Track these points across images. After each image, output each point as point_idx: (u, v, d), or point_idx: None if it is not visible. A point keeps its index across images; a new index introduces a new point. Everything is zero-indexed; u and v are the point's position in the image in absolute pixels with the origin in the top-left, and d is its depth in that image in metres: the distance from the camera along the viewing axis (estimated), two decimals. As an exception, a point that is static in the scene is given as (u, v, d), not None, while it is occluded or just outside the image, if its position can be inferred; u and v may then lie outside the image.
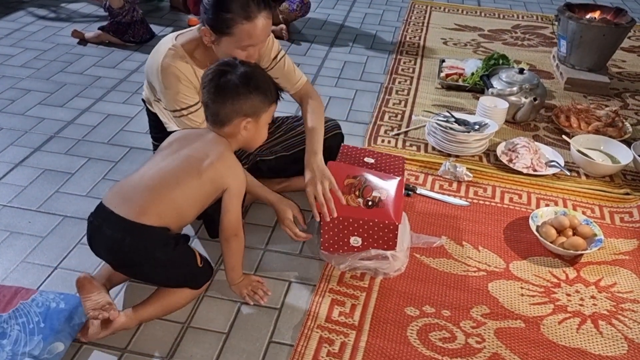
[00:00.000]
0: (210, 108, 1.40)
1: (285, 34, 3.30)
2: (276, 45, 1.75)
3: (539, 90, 2.42)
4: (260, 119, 1.42)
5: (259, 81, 1.40)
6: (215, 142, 1.41)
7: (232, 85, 1.36)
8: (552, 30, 3.33)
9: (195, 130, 1.51)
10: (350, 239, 1.56)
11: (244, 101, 1.37)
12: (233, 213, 1.43)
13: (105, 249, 1.39)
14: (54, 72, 2.81)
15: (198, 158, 1.38)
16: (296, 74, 1.79)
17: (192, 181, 1.36)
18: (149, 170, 1.39)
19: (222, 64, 1.40)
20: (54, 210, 1.85)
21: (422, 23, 3.65)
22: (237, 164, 1.44)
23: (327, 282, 1.58)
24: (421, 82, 2.82)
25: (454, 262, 1.69)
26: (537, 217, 1.81)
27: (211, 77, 1.38)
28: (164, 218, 1.35)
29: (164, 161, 1.40)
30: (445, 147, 2.19)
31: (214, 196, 1.42)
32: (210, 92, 1.38)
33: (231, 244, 1.46)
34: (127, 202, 1.34)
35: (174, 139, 1.47)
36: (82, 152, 2.17)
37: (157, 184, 1.35)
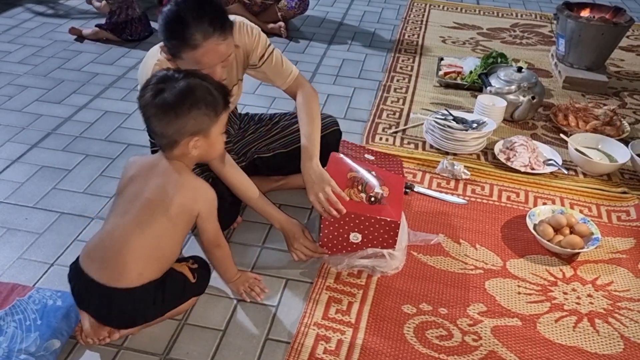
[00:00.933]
0: (152, 129, 1.29)
1: (283, 31, 3.30)
2: (262, 43, 1.66)
3: (537, 89, 2.42)
4: (210, 133, 1.31)
5: (198, 96, 1.26)
6: (168, 172, 1.31)
7: (169, 105, 1.24)
8: (551, 29, 3.33)
9: (148, 160, 1.38)
10: (350, 235, 1.56)
11: (186, 121, 1.26)
12: (210, 231, 1.40)
13: (95, 315, 1.33)
14: (51, 68, 2.81)
15: (159, 201, 1.29)
16: (286, 69, 1.70)
17: (161, 227, 1.29)
18: (115, 230, 1.30)
19: (159, 80, 1.27)
20: (50, 207, 1.84)
21: (421, 21, 3.64)
22: (199, 186, 1.35)
23: (324, 280, 1.58)
24: (419, 80, 2.82)
25: (451, 260, 1.69)
26: (534, 216, 1.81)
27: (150, 95, 1.25)
28: (145, 274, 1.29)
29: (127, 215, 1.30)
30: (443, 145, 2.19)
31: (190, 226, 1.37)
32: (149, 113, 1.27)
33: (215, 254, 1.46)
34: (104, 269, 1.28)
35: (130, 175, 1.36)
36: (80, 149, 2.16)
37: (128, 245, 1.27)
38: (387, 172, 1.74)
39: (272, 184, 1.88)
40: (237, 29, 1.60)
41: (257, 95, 2.58)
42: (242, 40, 1.62)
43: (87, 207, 1.85)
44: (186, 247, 1.67)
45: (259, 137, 1.87)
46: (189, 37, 1.35)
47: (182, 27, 1.34)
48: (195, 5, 1.35)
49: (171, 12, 1.37)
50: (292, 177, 1.90)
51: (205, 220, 1.37)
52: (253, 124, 1.90)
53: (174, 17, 1.36)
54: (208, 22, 1.35)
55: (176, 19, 1.35)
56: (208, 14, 1.35)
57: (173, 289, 1.36)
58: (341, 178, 1.61)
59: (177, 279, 1.37)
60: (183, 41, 1.36)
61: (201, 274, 1.45)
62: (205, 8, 1.36)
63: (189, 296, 1.43)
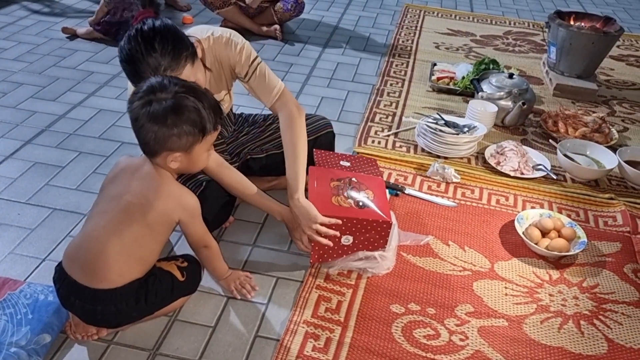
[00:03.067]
0: (138, 136, 1.29)
1: (279, 34, 3.32)
2: (245, 56, 1.63)
3: (528, 95, 2.46)
4: (192, 151, 1.30)
5: (184, 116, 1.24)
6: (150, 177, 1.31)
7: (155, 118, 1.23)
8: (543, 37, 3.38)
9: (133, 162, 1.37)
10: (341, 238, 1.57)
11: (167, 137, 1.25)
12: (194, 235, 1.41)
13: (80, 315, 1.34)
14: (46, 66, 2.81)
15: (138, 204, 1.29)
16: (270, 83, 1.65)
17: (139, 231, 1.29)
18: (94, 231, 1.30)
19: (150, 89, 1.25)
20: (43, 203, 1.85)
21: (415, 27, 3.68)
22: (179, 195, 1.34)
23: (314, 279, 1.60)
24: (412, 84, 2.85)
25: (440, 262, 1.71)
26: (522, 219, 1.84)
27: (138, 104, 1.25)
28: (126, 275, 1.30)
29: (106, 215, 1.30)
30: (435, 149, 2.22)
31: (170, 231, 1.37)
32: (135, 119, 1.26)
33: (203, 253, 1.47)
34: (86, 271, 1.28)
35: (114, 174, 1.38)
36: (73, 146, 2.17)
37: (107, 247, 1.27)
38: (366, 175, 1.77)
39: (264, 184, 1.89)
40: (222, 43, 1.61)
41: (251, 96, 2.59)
42: (226, 54, 1.63)
43: (79, 204, 1.86)
44: (177, 245, 1.68)
45: (253, 138, 1.89)
46: (142, 75, 1.34)
47: (133, 66, 1.34)
48: (144, 41, 1.34)
49: (123, 50, 1.36)
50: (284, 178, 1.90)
51: (187, 226, 1.38)
52: (247, 125, 1.92)
53: (125, 56, 1.36)
54: (159, 56, 1.34)
55: (127, 58, 1.35)
56: (157, 49, 1.34)
57: (159, 287, 1.36)
58: (325, 189, 1.62)
59: (163, 278, 1.37)
60: (139, 78, 1.34)
61: (191, 273, 1.45)
62: (154, 43, 1.34)
63: (178, 295, 1.43)
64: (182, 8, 3.74)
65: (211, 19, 3.54)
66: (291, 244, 1.74)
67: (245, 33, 3.30)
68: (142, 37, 1.34)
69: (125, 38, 1.37)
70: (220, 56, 1.63)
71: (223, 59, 1.64)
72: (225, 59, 1.64)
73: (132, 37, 1.35)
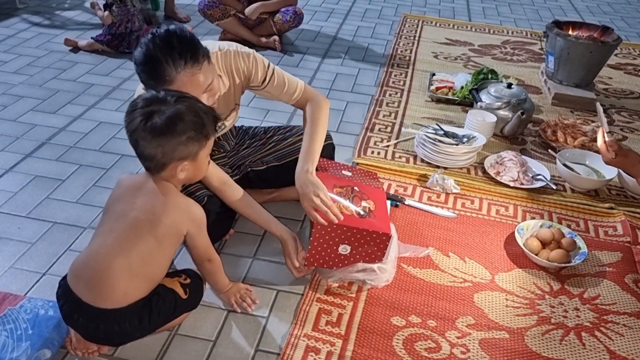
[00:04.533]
0: (141, 152, 1.29)
1: (278, 45, 3.33)
2: (261, 66, 1.65)
3: (526, 105, 2.47)
4: (197, 157, 1.32)
5: (188, 121, 1.26)
6: (155, 192, 1.31)
7: (159, 130, 1.24)
8: (541, 46, 3.40)
9: (136, 179, 1.37)
10: (339, 247, 1.57)
11: (175, 146, 1.26)
12: (199, 247, 1.41)
13: (83, 333, 1.33)
14: (47, 78, 2.82)
15: (146, 220, 1.29)
16: (290, 86, 1.70)
17: (147, 246, 1.29)
18: (100, 249, 1.29)
19: (147, 103, 1.26)
20: (43, 217, 1.85)
21: (413, 37, 3.70)
22: (186, 206, 1.35)
23: (314, 292, 1.60)
24: (411, 94, 2.86)
25: (440, 273, 1.71)
26: (522, 230, 1.84)
27: (139, 119, 1.25)
28: (130, 294, 1.29)
29: (112, 233, 1.30)
30: (434, 159, 2.22)
31: (178, 245, 1.37)
32: (138, 137, 1.26)
33: (206, 267, 1.47)
34: (90, 289, 1.28)
35: (117, 194, 1.37)
36: (74, 159, 2.18)
37: (113, 265, 1.26)
38: (368, 186, 1.77)
39: (264, 196, 1.90)
40: (232, 56, 1.62)
41: (252, 107, 2.61)
42: (239, 66, 1.63)
43: (80, 217, 1.86)
44: (177, 259, 1.68)
45: (254, 151, 1.89)
46: (162, 73, 1.35)
47: (153, 66, 1.35)
48: (162, 42, 1.35)
49: (141, 54, 1.37)
50: (284, 190, 1.92)
51: (194, 238, 1.38)
52: (248, 138, 1.93)
53: (144, 58, 1.37)
54: (178, 54, 1.35)
55: (147, 60, 1.36)
56: (177, 47, 1.35)
57: (162, 306, 1.35)
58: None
59: (167, 296, 1.37)
60: (158, 79, 1.36)
61: (193, 290, 1.44)
62: (172, 42, 1.35)
63: (180, 312, 1.43)
64: (181, 19, 3.76)
65: (210, 30, 3.55)
66: (291, 257, 1.74)
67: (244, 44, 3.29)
68: (160, 38, 1.36)
69: (141, 43, 1.38)
70: (233, 69, 1.64)
71: (236, 71, 1.64)
72: (240, 70, 1.64)
73: (150, 40, 1.36)
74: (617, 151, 1.82)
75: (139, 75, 1.42)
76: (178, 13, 3.80)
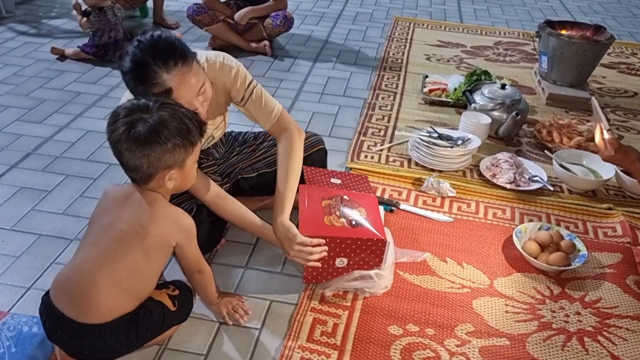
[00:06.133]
0: (126, 164, 1.23)
1: (268, 50, 3.30)
2: (241, 80, 1.58)
3: (520, 106, 2.43)
4: (185, 165, 1.27)
5: (173, 128, 1.21)
6: (142, 204, 1.26)
7: (144, 139, 1.18)
8: (534, 46, 3.37)
9: (122, 190, 1.31)
10: (335, 261, 1.53)
11: (162, 154, 1.21)
12: (189, 258, 1.36)
13: (67, 350, 1.28)
14: (33, 88, 2.77)
15: (133, 232, 1.24)
16: (267, 106, 1.62)
17: (134, 260, 1.24)
18: (84, 263, 1.24)
19: (129, 112, 1.21)
20: (29, 229, 1.80)
21: (405, 39, 3.67)
22: (175, 216, 1.29)
23: (308, 301, 1.55)
24: (404, 97, 2.82)
25: (438, 279, 1.66)
26: (520, 233, 1.80)
27: (121, 130, 1.19)
28: (116, 309, 1.24)
29: (98, 246, 1.25)
30: (429, 162, 2.18)
31: (167, 258, 1.32)
32: (121, 148, 1.20)
33: (196, 279, 1.42)
34: (74, 304, 1.22)
35: (103, 206, 1.32)
36: (60, 169, 2.12)
37: (97, 280, 1.21)
38: (358, 193, 1.73)
39: (256, 203, 1.85)
40: (217, 68, 1.56)
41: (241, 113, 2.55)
42: (222, 79, 1.58)
43: (66, 229, 1.81)
44: (167, 269, 1.63)
45: (244, 158, 1.85)
46: (152, 77, 1.31)
47: (143, 71, 1.31)
48: (148, 46, 1.32)
49: (128, 61, 1.32)
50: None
51: (183, 249, 1.33)
52: (237, 145, 1.88)
53: (132, 64, 1.32)
54: (167, 55, 1.31)
55: (135, 65, 1.32)
56: (163, 49, 1.31)
57: (150, 320, 1.30)
58: (317, 208, 1.58)
59: (155, 309, 1.31)
60: (148, 83, 1.31)
61: (183, 301, 1.40)
62: (159, 45, 1.32)
63: (169, 326, 1.37)
64: (170, 26, 3.72)
65: (200, 36, 3.51)
66: (284, 265, 1.69)
67: (235, 49, 3.28)
68: (146, 42, 1.32)
69: (127, 52, 1.33)
70: (215, 81, 1.57)
71: (218, 84, 1.58)
72: (221, 83, 1.58)
73: (136, 46, 1.32)
74: (617, 148, 1.78)
75: (128, 85, 1.36)
76: (167, 20, 3.75)
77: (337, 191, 1.69)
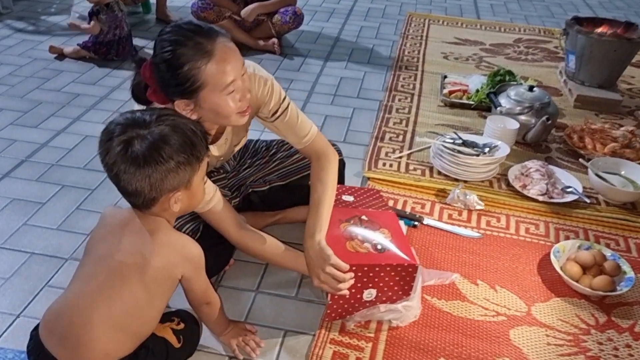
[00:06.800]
0: (124, 188, 1.07)
1: (277, 48, 3.13)
2: (276, 96, 1.40)
3: (550, 109, 2.26)
4: (192, 185, 1.12)
5: (176, 143, 1.05)
6: (143, 231, 1.11)
7: (143, 159, 1.03)
8: (557, 44, 3.20)
9: (121, 215, 1.15)
10: (363, 294, 1.36)
11: (164, 176, 1.05)
12: (197, 291, 1.21)
13: None
14: (29, 89, 2.62)
15: (132, 264, 1.08)
16: (302, 128, 1.44)
17: (134, 297, 1.09)
18: (77, 299, 1.09)
19: (124, 128, 1.05)
20: (20, 247, 1.65)
21: (420, 37, 3.49)
22: (181, 245, 1.14)
23: (327, 331, 1.39)
24: (422, 99, 2.65)
25: (470, 305, 1.50)
26: (558, 252, 1.64)
27: (117, 149, 1.04)
28: (112, 354, 1.09)
29: (93, 280, 1.09)
30: (453, 171, 2.02)
31: (171, 292, 1.16)
32: (118, 170, 1.05)
33: (204, 310, 1.27)
34: (66, 347, 1.07)
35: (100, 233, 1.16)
36: (56, 179, 1.97)
37: (92, 320, 1.06)
38: (376, 211, 1.56)
39: (267, 219, 1.69)
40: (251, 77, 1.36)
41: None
42: (254, 90, 1.38)
43: (60, 247, 1.66)
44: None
45: (256, 170, 1.68)
46: (197, 47, 1.15)
47: (185, 46, 1.15)
48: (183, 27, 1.18)
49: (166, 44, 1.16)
50: (289, 211, 1.71)
51: (190, 281, 1.17)
52: (248, 157, 1.71)
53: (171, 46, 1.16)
54: (206, 27, 1.19)
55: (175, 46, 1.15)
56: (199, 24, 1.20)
57: None
58: (336, 232, 1.41)
59: (157, 347, 1.16)
60: (195, 57, 1.14)
61: (188, 336, 1.24)
62: (193, 23, 1.20)
63: None
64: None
65: (205, 33, 3.34)
66: (300, 288, 1.53)
67: (241, 48, 3.10)
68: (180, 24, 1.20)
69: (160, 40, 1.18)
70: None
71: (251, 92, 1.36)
72: (253, 95, 1.37)
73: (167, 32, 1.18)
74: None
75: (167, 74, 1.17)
76: (170, 16, 3.59)
77: (353, 211, 1.53)
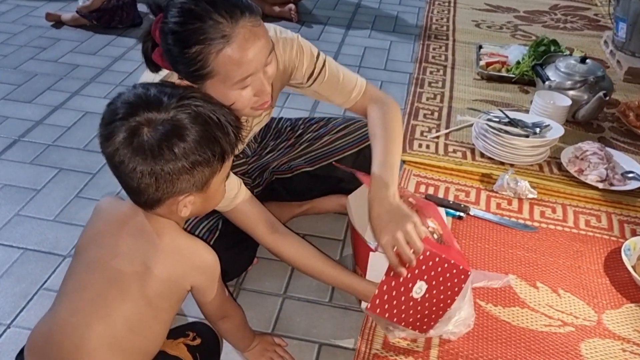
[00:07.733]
0: (126, 185, 0.88)
1: (294, 14, 2.87)
2: (307, 57, 1.20)
3: (605, 84, 2.02)
4: (209, 186, 0.91)
5: (193, 140, 0.84)
6: (146, 233, 0.91)
7: (151, 153, 0.82)
8: (598, 11, 2.92)
9: (121, 210, 0.94)
10: (414, 286, 1.13)
11: (175, 176, 0.84)
12: (213, 304, 1.01)
13: None
14: (23, 59, 2.38)
15: (132, 273, 0.88)
16: (346, 83, 1.25)
17: (135, 311, 0.89)
18: (71, 315, 0.88)
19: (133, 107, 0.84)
20: (11, 241, 1.45)
21: (448, 3, 3.21)
22: (190, 251, 0.93)
23: (369, 345, 1.19)
24: (456, 72, 2.40)
25: (530, 313, 1.30)
26: (629, 250, 1.42)
27: (121, 136, 0.83)
28: None
29: (86, 292, 0.89)
30: (498, 154, 1.79)
31: (179, 305, 0.96)
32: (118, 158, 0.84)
33: (222, 326, 1.08)
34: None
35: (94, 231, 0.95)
36: (52, 161, 1.75)
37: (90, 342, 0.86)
38: (420, 199, 1.32)
39: (294, 209, 1.48)
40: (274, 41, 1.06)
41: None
42: (280, 57, 1.14)
43: (58, 241, 1.45)
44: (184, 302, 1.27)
45: (280, 155, 1.45)
46: (214, 27, 0.91)
47: (200, 20, 0.91)
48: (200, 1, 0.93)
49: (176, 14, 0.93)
50: (318, 201, 1.49)
51: (203, 293, 0.97)
52: (271, 139, 1.48)
53: (182, 17, 0.93)
54: (229, 2, 0.93)
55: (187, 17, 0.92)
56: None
57: None
58: None
59: None
60: (208, 39, 0.91)
61: (206, 353, 1.03)
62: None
63: None
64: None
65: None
66: (334, 293, 1.33)
67: (255, 14, 2.86)
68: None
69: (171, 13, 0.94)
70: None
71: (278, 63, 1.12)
72: (281, 62, 1.15)
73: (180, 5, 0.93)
74: None
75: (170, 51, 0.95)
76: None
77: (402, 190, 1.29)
